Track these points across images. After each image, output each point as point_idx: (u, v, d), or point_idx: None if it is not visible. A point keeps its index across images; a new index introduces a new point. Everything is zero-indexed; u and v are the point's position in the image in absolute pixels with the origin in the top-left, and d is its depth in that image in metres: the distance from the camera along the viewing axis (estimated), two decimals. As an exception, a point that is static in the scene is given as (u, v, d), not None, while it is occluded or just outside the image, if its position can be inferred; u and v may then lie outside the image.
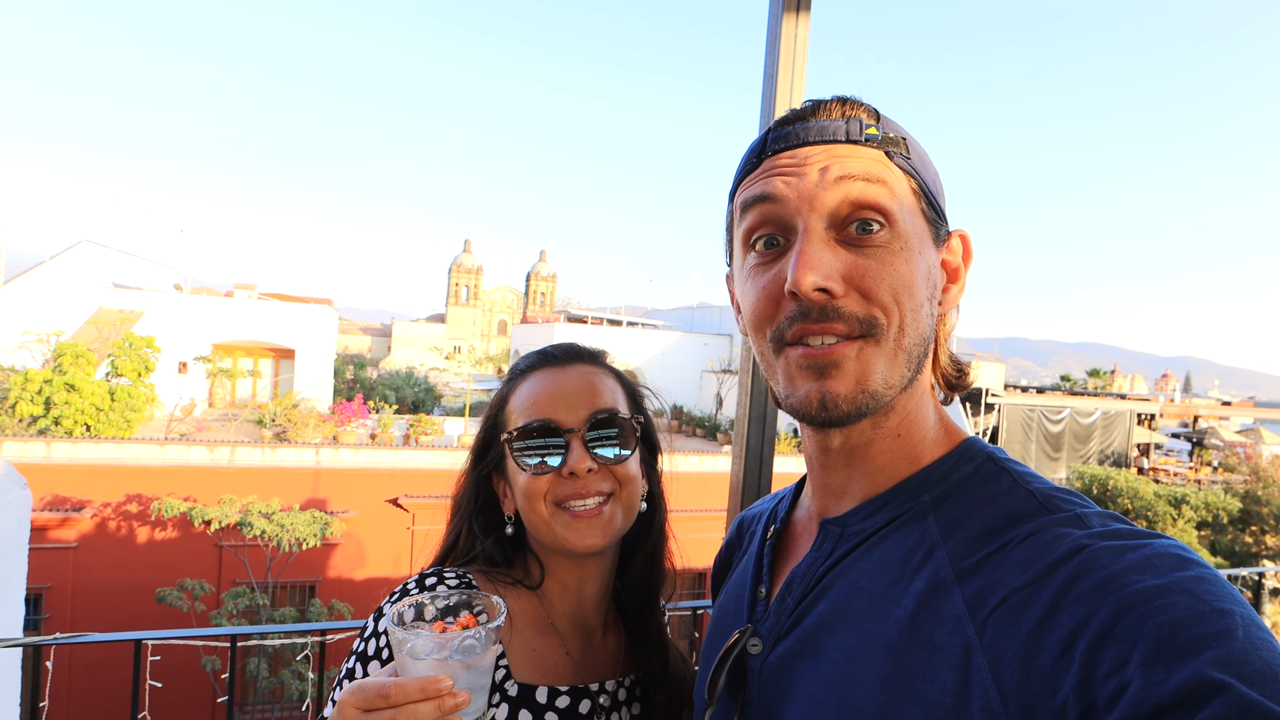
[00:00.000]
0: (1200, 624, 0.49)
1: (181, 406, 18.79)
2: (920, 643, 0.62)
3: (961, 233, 0.79)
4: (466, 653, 0.76)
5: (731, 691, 0.78)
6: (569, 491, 1.01)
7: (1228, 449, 25.63)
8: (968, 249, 0.79)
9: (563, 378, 1.07)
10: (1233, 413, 35.87)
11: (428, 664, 0.74)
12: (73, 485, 13.07)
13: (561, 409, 1.03)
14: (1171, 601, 0.50)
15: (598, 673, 1.06)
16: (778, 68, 1.92)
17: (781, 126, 0.75)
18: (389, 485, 14.69)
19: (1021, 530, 0.63)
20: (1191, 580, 0.52)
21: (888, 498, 0.74)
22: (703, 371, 27.14)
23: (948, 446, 0.76)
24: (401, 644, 0.76)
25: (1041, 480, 0.69)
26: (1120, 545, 0.57)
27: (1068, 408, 25.30)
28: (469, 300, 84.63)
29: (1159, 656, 0.48)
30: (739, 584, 0.90)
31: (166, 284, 25.42)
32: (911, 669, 0.62)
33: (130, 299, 20.43)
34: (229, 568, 13.20)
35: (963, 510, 0.68)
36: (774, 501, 0.97)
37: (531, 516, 1.03)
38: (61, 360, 15.19)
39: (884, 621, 0.66)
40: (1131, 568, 0.54)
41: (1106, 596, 0.53)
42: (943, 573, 0.64)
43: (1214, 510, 17.88)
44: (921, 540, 0.68)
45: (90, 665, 11.24)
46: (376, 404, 19.91)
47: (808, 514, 0.86)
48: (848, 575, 0.72)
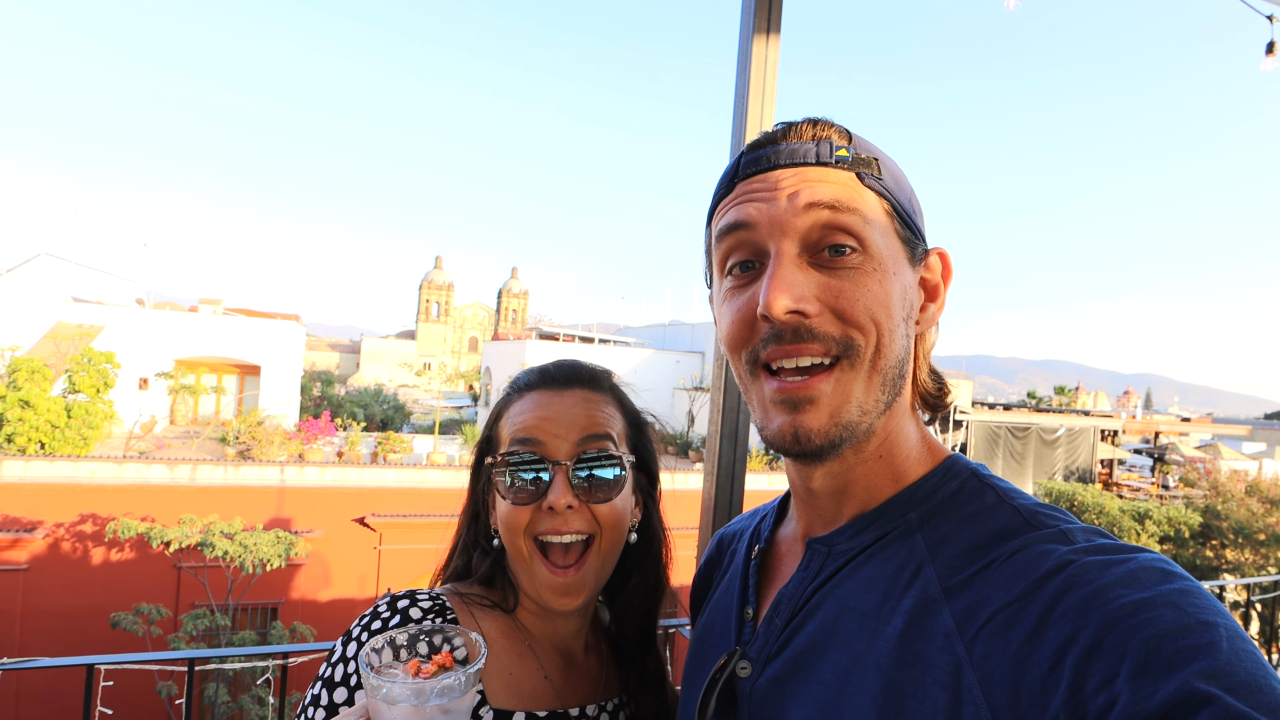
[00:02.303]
0: (1186, 636, 0.50)
1: (141, 424, 18.33)
2: (910, 661, 0.62)
3: (940, 250, 0.79)
4: (445, 696, 0.72)
5: (721, 715, 0.77)
6: (547, 526, 0.97)
7: (1188, 464, 26.21)
8: (947, 266, 0.79)
9: (556, 401, 1.01)
10: (1192, 429, 36.85)
11: (403, 710, 0.70)
12: (25, 505, 12.64)
13: (550, 435, 0.98)
14: (1157, 615, 0.51)
15: (578, 697, 1.02)
16: (749, 88, 1.94)
17: (753, 150, 0.75)
18: (356, 504, 14.43)
19: (1008, 547, 0.63)
20: (1176, 593, 0.53)
21: (874, 516, 0.74)
22: (674, 389, 27.20)
23: (931, 464, 0.76)
24: (376, 689, 0.71)
25: (1025, 496, 0.70)
26: (1105, 560, 0.57)
27: (1033, 424, 25.75)
28: (440, 317, 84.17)
29: (1146, 669, 0.49)
30: (724, 604, 0.89)
31: (128, 298, 24.91)
32: (902, 688, 0.61)
33: (90, 313, 19.94)
34: (188, 590, 12.83)
35: (949, 527, 0.69)
36: (756, 519, 0.96)
37: (511, 549, 1.00)
38: (16, 376, 14.74)
39: (874, 641, 0.65)
40: (1117, 582, 0.54)
41: (1093, 611, 0.53)
42: (931, 590, 0.64)
43: (1176, 525, 18.26)
44: (909, 558, 0.68)
45: (40, 692, 10.87)
46: (344, 421, 19.59)
47: (793, 533, 0.85)
48: (836, 595, 0.72)
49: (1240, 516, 18.61)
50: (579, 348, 27.75)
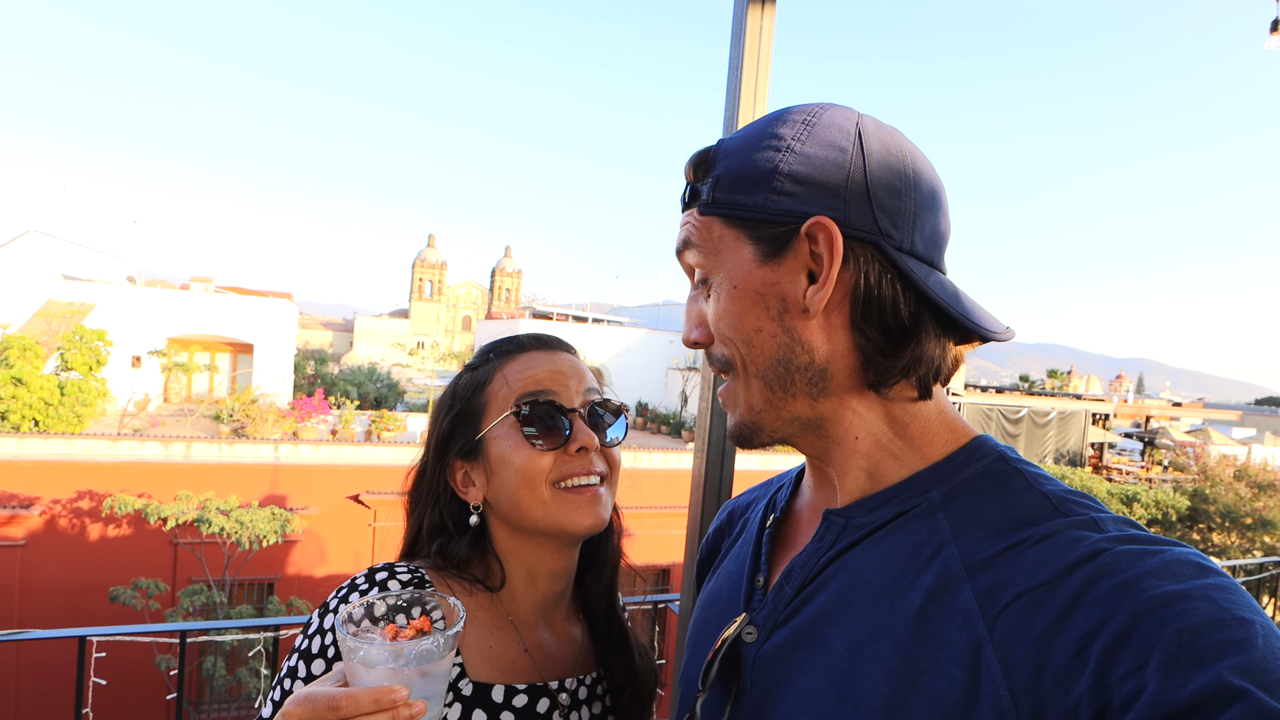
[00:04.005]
0: (1221, 631, 0.49)
1: (135, 401, 18.31)
2: (928, 638, 0.62)
3: (812, 221, 0.70)
4: (422, 659, 0.72)
5: (724, 679, 0.77)
6: (574, 468, 1.00)
7: (1178, 449, 26.39)
8: (828, 233, 0.69)
9: (558, 359, 1.07)
10: (1183, 413, 36.94)
11: (381, 672, 0.70)
12: (20, 482, 12.65)
13: (563, 385, 1.04)
14: (1192, 607, 0.51)
15: (557, 670, 1.03)
16: (742, 61, 1.91)
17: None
18: (350, 481, 14.47)
19: (1036, 531, 0.62)
20: (1211, 588, 0.52)
21: (894, 492, 0.73)
22: (668, 369, 27.23)
23: (955, 444, 0.74)
24: (353, 651, 0.71)
25: (1055, 482, 0.69)
26: (1139, 550, 0.57)
27: (1025, 407, 25.90)
28: (433, 296, 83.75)
29: (1178, 661, 0.48)
30: (734, 570, 0.89)
31: (119, 276, 24.72)
32: (919, 664, 0.61)
33: (81, 291, 19.82)
34: (185, 565, 12.89)
35: (974, 508, 0.68)
36: (772, 489, 0.96)
37: (527, 499, 0.99)
38: (8, 353, 14.68)
39: (890, 615, 0.65)
40: (1151, 573, 0.54)
41: (1125, 600, 0.53)
42: (953, 568, 0.64)
43: (1164, 508, 18.43)
44: (931, 535, 0.67)
45: (38, 665, 10.94)
46: (338, 400, 19.59)
47: (809, 505, 0.85)
48: (851, 567, 0.71)
49: (1228, 501, 18.79)
50: (573, 327, 27.70)
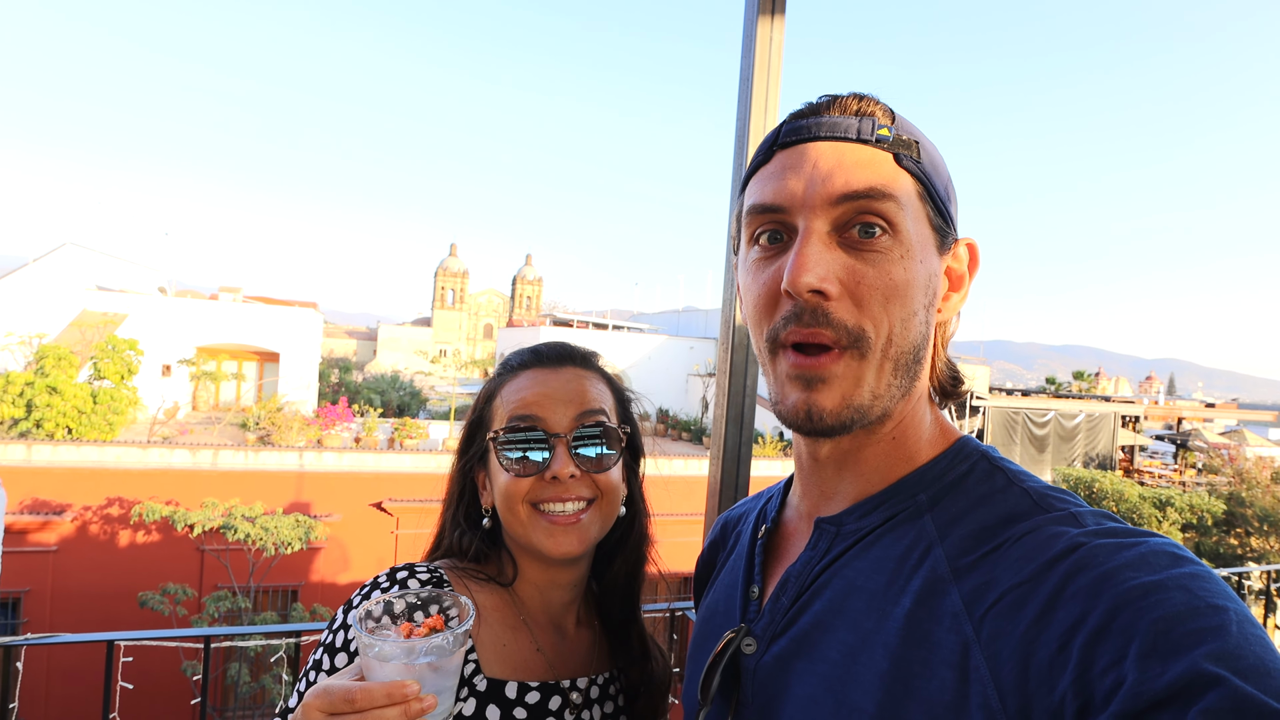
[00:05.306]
0: (1195, 619, 0.50)
1: (164, 409, 18.63)
2: (918, 641, 0.62)
3: (970, 241, 0.78)
4: (434, 654, 0.75)
5: (725, 692, 0.78)
6: (549, 494, 0.99)
7: (1211, 451, 25.82)
8: (974, 257, 0.78)
9: (553, 378, 1.05)
10: (1216, 414, 36.18)
11: (394, 667, 0.73)
12: (53, 488, 12.91)
13: (549, 410, 1.02)
14: (1167, 597, 0.51)
15: (569, 669, 1.04)
16: (753, 70, 1.93)
17: (794, 120, 0.74)
18: (373, 489, 14.61)
19: (1018, 529, 0.63)
20: (1186, 577, 0.53)
21: (883, 497, 0.73)
22: (688, 375, 27.19)
23: (942, 446, 0.76)
24: (369, 647, 0.74)
25: (1035, 479, 0.69)
26: (1115, 543, 0.57)
27: (1052, 410, 25.52)
28: (455, 304, 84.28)
29: (1155, 651, 0.49)
30: (729, 584, 0.89)
31: (150, 287, 25.22)
32: (910, 667, 0.62)
33: (114, 301, 20.27)
34: (211, 572, 13.08)
35: (959, 509, 0.69)
36: (761, 501, 0.96)
37: (509, 516, 1.02)
38: (44, 363, 15.03)
39: (882, 620, 0.65)
40: (1127, 565, 0.55)
41: (1103, 593, 0.53)
42: (940, 570, 0.64)
43: (1199, 512, 18.03)
44: (919, 539, 0.68)
45: (68, 669, 11.12)
46: (361, 407, 19.82)
47: (799, 514, 0.85)
48: (844, 574, 0.72)
49: (1266, 504, 18.35)
50: (593, 334, 27.78)
